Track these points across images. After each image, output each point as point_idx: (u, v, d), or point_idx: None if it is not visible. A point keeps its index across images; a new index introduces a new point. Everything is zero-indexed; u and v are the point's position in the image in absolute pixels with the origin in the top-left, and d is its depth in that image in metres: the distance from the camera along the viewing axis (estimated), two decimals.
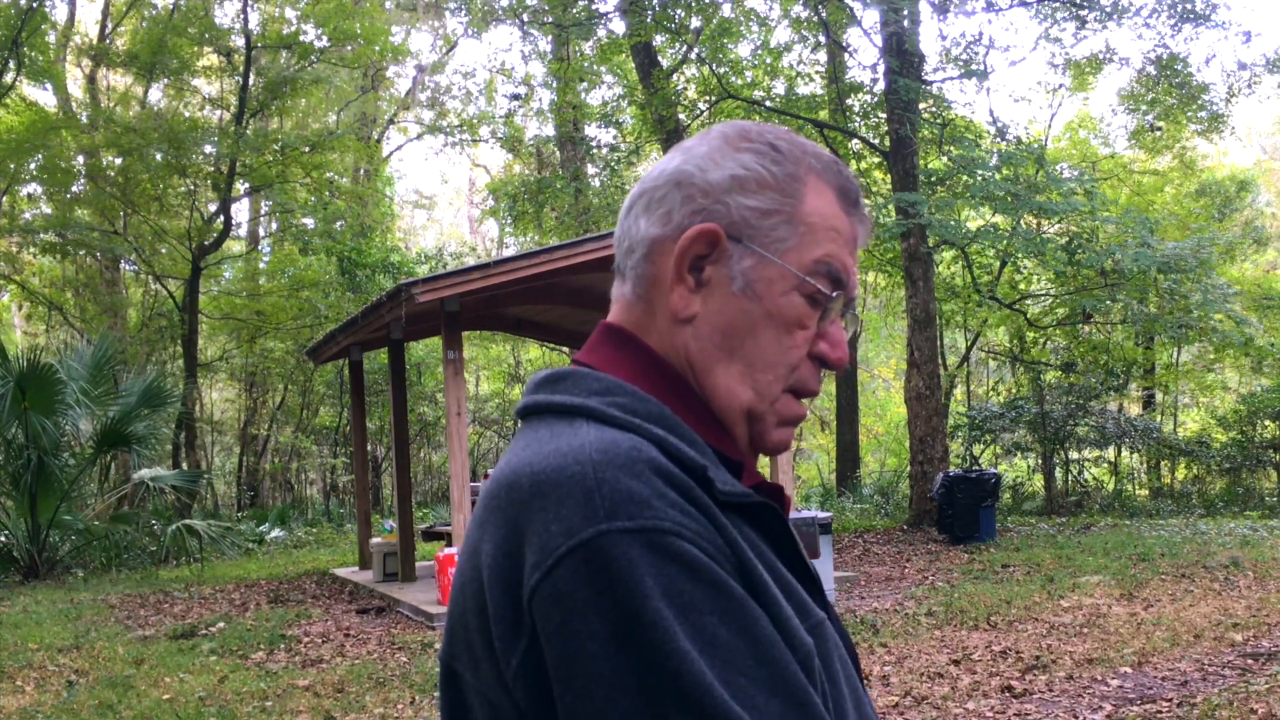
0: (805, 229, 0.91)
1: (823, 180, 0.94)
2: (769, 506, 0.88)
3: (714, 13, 16.11)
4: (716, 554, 0.78)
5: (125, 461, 17.52)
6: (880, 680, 6.03)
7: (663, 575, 0.74)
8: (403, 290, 8.89)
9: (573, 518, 0.76)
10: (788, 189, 0.92)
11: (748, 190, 0.91)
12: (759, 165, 0.92)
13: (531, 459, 0.82)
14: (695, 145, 0.95)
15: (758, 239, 0.90)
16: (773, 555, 0.87)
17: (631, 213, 0.95)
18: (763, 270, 0.90)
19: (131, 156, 18.96)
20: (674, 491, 0.79)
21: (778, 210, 0.91)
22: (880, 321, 25.14)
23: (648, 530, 0.75)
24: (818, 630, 0.85)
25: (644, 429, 0.84)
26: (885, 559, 11.32)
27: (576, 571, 0.75)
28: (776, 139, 0.94)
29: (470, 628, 0.83)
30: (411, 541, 11.40)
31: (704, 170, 0.92)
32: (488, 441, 24.53)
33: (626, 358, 0.92)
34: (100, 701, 6.25)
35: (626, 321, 0.94)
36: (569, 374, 0.91)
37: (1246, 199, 23.71)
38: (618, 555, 0.74)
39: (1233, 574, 8.93)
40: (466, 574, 0.84)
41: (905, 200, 13.07)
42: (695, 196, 0.91)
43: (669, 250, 0.91)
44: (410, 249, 26.61)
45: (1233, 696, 5.28)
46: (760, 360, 0.90)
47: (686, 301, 0.91)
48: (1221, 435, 18.44)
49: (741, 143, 0.93)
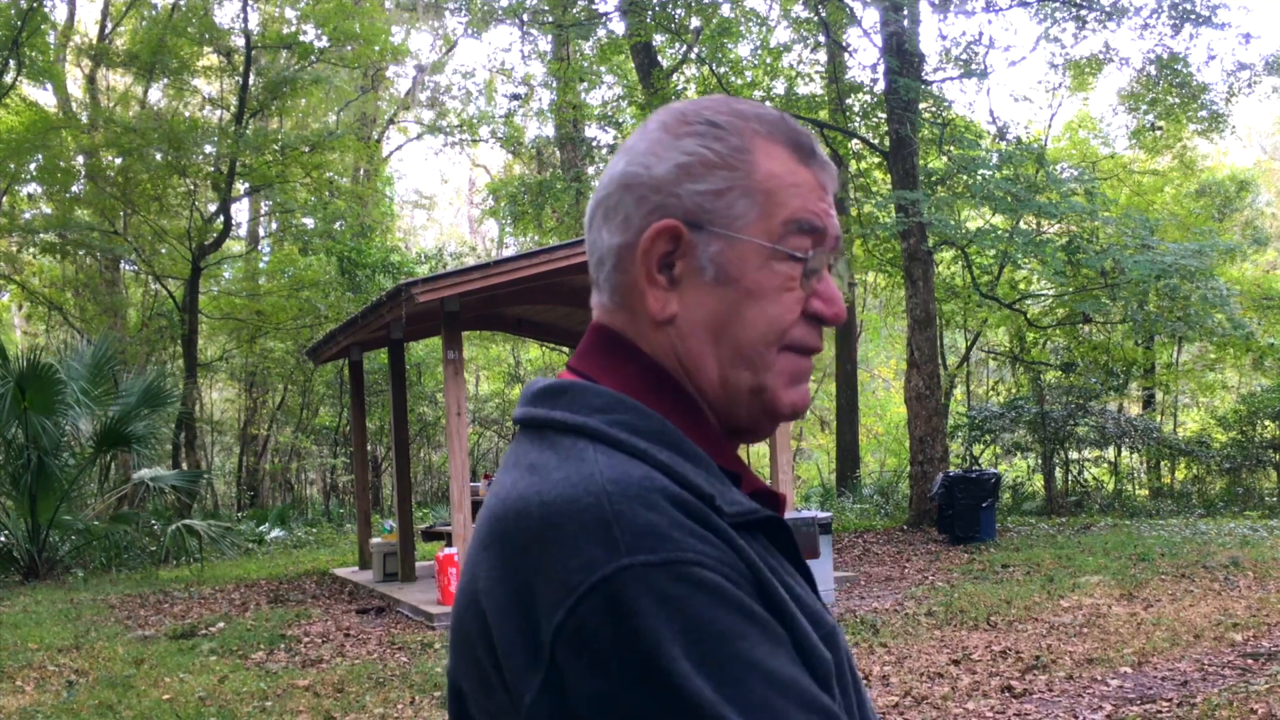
0: (764, 195, 0.88)
1: (772, 141, 0.90)
2: (775, 519, 0.87)
3: (714, 13, 16.11)
4: (740, 579, 0.77)
5: (125, 461, 17.52)
6: (880, 680, 6.03)
7: (691, 607, 0.73)
8: (403, 290, 8.89)
9: (593, 552, 0.74)
10: (735, 162, 0.89)
11: (695, 176, 0.88)
12: (701, 147, 0.89)
13: (541, 487, 0.80)
14: (636, 143, 0.92)
15: (718, 221, 0.88)
16: (784, 568, 0.86)
17: (594, 225, 0.93)
18: (732, 251, 0.88)
19: (131, 156, 18.96)
20: (690, 520, 0.77)
21: (730, 187, 0.88)
22: (880, 321, 25.15)
23: (671, 563, 0.74)
24: (831, 639, 0.84)
25: (650, 456, 0.82)
26: (885, 559, 11.32)
27: (600, 609, 0.73)
28: (714, 114, 0.91)
29: (477, 651, 0.81)
30: (411, 541, 11.40)
31: (649, 167, 0.90)
32: (488, 441, 24.52)
33: (621, 364, 0.90)
34: (100, 701, 6.25)
35: (614, 324, 0.92)
36: (568, 387, 0.89)
37: (1246, 199, 23.71)
38: (643, 591, 0.73)
39: (1233, 574, 8.93)
40: (468, 597, 0.83)
41: (905, 198, 13.07)
42: (648, 196, 0.89)
43: (635, 255, 0.89)
44: (410, 249, 26.61)
45: (1233, 696, 5.28)
46: (749, 338, 0.88)
47: (663, 303, 0.89)
48: (1221, 435, 18.44)
49: (680, 128, 0.91)
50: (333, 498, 23.24)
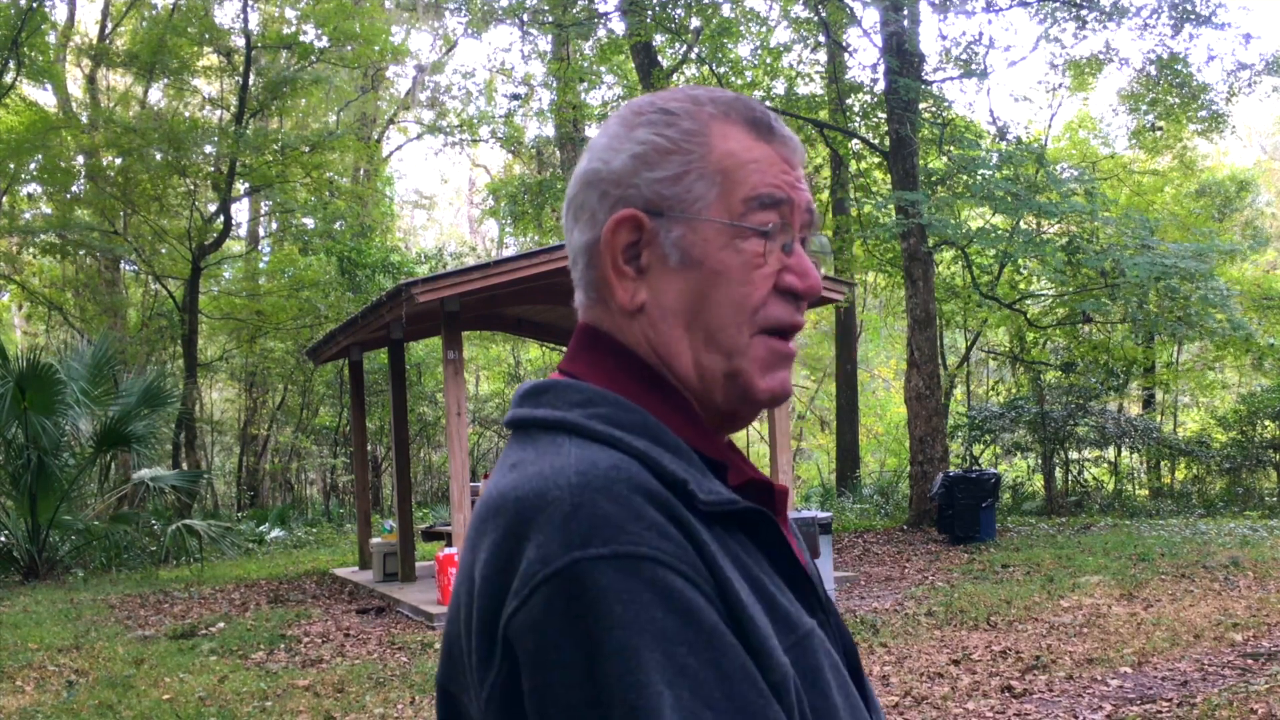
0: (722, 175, 0.89)
1: (728, 122, 0.90)
2: (756, 510, 0.85)
3: (714, 13, 16.11)
4: (695, 576, 0.76)
5: (125, 461, 17.51)
6: (880, 680, 6.04)
7: (634, 603, 0.73)
8: (403, 290, 8.89)
9: (550, 545, 0.75)
10: (690, 146, 0.89)
11: (651, 164, 0.89)
12: (654, 135, 0.90)
13: (517, 481, 0.81)
14: (597, 140, 0.94)
15: (677, 206, 0.88)
16: (760, 566, 0.84)
17: (567, 225, 0.95)
18: (694, 234, 0.88)
19: (131, 156, 18.96)
20: (654, 510, 0.77)
21: (686, 171, 0.89)
22: (880, 321, 25.15)
23: (621, 556, 0.74)
24: (805, 643, 0.83)
25: (625, 443, 0.82)
26: (885, 559, 11.32)
27: (550, 601, 0.74)
28: (668, 102, 0.92)
29: (464, 651, 0.82)
30: (411, 541, 11.40)
31: (607, 161, 0.91)
32: (488, 441, 24.52)
33: (602, 360, 0.91)
34: (100, 701, 6.25)
35: (593, 320, 0.94)
36: (551, 386, 0.89)
37: (1246, 199, 23.71)
38: (589, 584, 0.73)
39: (1233, 574, 8.93)
40: (461, 596, 0.83)
41: (905, 199, 13.07)
42: (609, 191, 0.90)
43: (600, 250, 0.91)
44: (410, 249, 26.61)
45: (1233, 696, 5.28)
46: (719, 321, 0.88)
47: (631, 293, 0.90)
48: (1221, 435, 18.43)
49: (635, 119, 0.92)
50: (333, 498, 23.23)
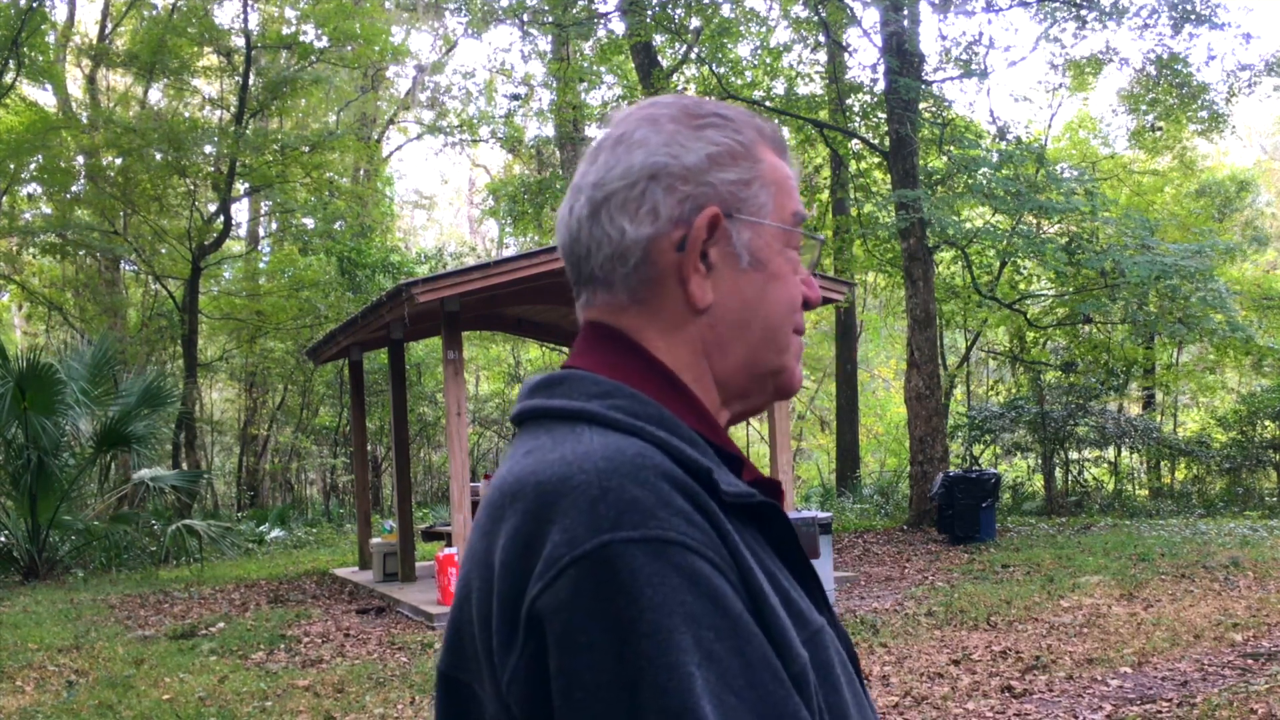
0: (774, 187, 0.94)
1: (762, 139, 0.96)
2: (772, 505, 0.87)
3: (714, 13, 16.11)
4: (721, 564, 0.77)
5: (125, 461, 17.51)
6: (880, 680, 6.03)
7: (664, 586, 0.73)
8: (403, 290, 8.89)
9: (577, 528, 0.75)
10: (753, 154, 0.94)
11: (724, 165, 0.92)
12: (725, 138, 0.93)
13: (536, 466, 0.81)
14: (647, 135, 0.92)
15: (746, 209, 0.92)
16: (772, 561, 0.86)
17: (600, 219, 0.91)
18: (760, 238, 0.92)
19: (131, 156, 18.96)
20: (680, 497, 0.78)
21: (754, 177, 0.93)
22: (880, 321, 25.15)
23: (651, 540, 0.74)
24: (816, 639, 0.84)
25: (647, 432, 0.83)
26: (885, 559, 11.32)
27: (578, 582, 0.74)
28: (718, 108, 0.96)
29: (478, 637, 0.82)
30: (411, 541, 11.40)
31: (676, 157, 0.91)
32: (488, 441, 24.52)
33: (619, 359, 0.90)
34: (100, 701, 6.25)
35: (618, 322, 0.92)
36: (566, 377, 0.89)
37: (1246, 199, 23.71)
38: (620, 566, 0.73)
39: (1233, 574, 8.93)
40: (474, 583, 0.83)
41: (906, 198, 13.07)
42: (676, 185, 0.90)
43: (668, 247, 0.89)
44: (410, 249, 26.61)
45: (1233, 696, 5.28)
46: (775, 322, 0.93)
47: (704, 290, 0.91)
48: (1221, 435, 18.43)
49: (695, 120, 0.93)
50: (333, 498, 23.23)
